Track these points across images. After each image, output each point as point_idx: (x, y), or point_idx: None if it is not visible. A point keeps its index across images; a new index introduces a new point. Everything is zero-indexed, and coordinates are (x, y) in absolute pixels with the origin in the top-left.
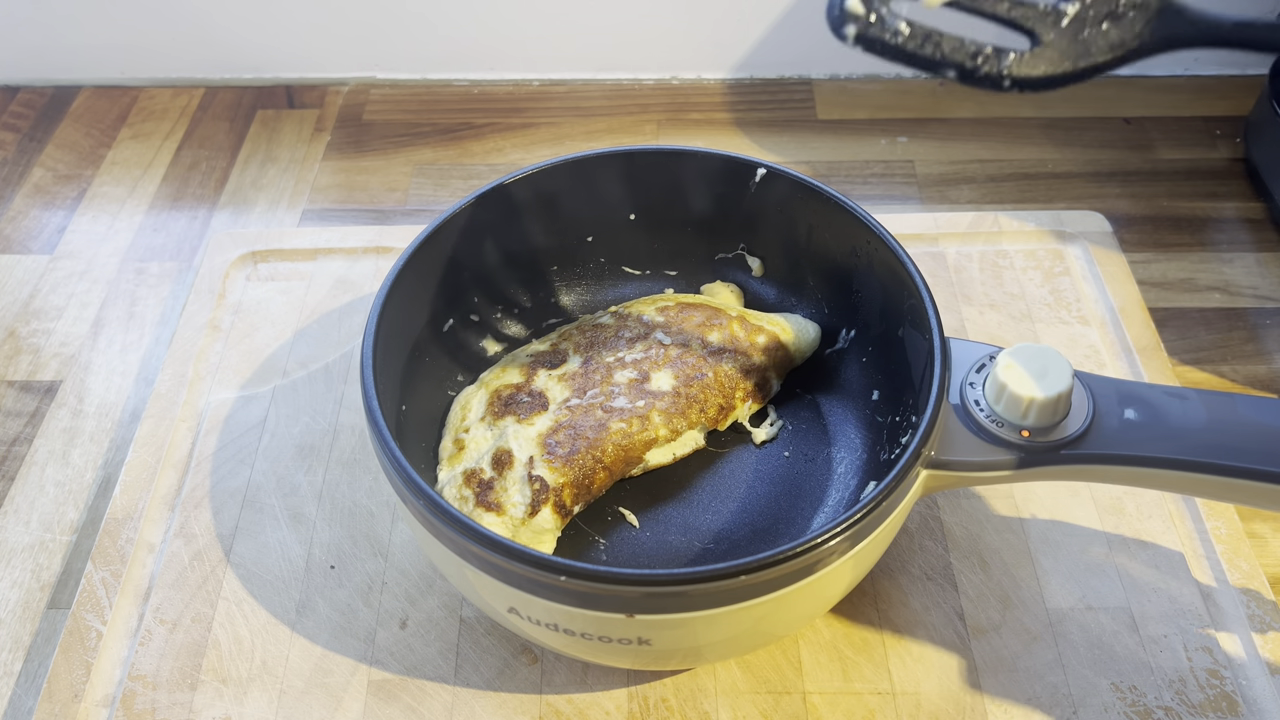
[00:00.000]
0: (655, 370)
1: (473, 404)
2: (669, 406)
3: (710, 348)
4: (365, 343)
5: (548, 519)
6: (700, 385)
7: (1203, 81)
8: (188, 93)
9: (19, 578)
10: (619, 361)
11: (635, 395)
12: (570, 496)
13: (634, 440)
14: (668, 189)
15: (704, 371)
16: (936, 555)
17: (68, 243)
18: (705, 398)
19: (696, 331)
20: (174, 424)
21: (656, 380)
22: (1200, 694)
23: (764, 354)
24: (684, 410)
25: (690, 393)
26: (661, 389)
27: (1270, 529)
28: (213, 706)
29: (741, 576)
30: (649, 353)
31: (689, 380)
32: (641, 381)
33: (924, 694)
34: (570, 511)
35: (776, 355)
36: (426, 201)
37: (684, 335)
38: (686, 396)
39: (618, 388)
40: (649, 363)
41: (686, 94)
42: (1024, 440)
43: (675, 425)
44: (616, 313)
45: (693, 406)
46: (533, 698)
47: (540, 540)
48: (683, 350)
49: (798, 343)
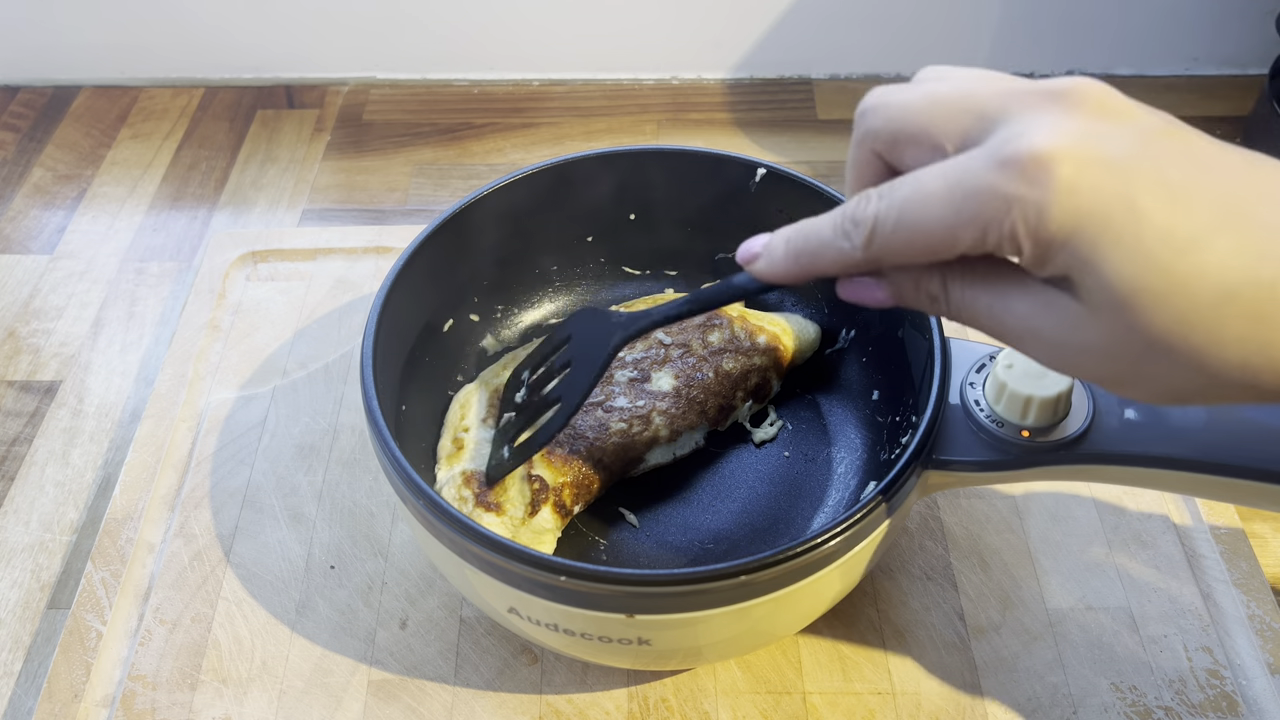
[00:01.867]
0: (655, 370)
1: (472, 403)
2: (669, 407)
3: (710, 348)
4: (365, 343)
5: (548, 519)
6: (700, 386)
7: (1203, 81)
8: (188, 93)
9: (19, 578)
10: (619, 361)
11: (636, 395)
12: (570, 496)
13: (634, 440)
14: (668, 189)
15: (704, 372)
16: (936, 555)
17: (68, 243)
18: (705, 398)
19: (696, 332)
20: (174, 424)
21: (657, 380)
22: (1200, 694)
23: (764, 354)
24: (684, 411)
25: (690, 393)
26: (662, 389)
27: (1270, 529)
28: (213, 706)
29: (741, 576)
30: (649, 352)
31: (689, 381)
32: (642, 381)
33: (924, 694)
34: (570, 511)
35: (776, 355)
36: (426, 201)
37: (684, 335)
38: (687, 397)
39: (618, 387)
40: (649, 362)
41: (686, 94)
42: (1024, 440)
43: (676, 426)
44: None
45: (693, 407)
46: (533, 698)
47: (540, 540)
48: (683, 351)
49: (798, 343)
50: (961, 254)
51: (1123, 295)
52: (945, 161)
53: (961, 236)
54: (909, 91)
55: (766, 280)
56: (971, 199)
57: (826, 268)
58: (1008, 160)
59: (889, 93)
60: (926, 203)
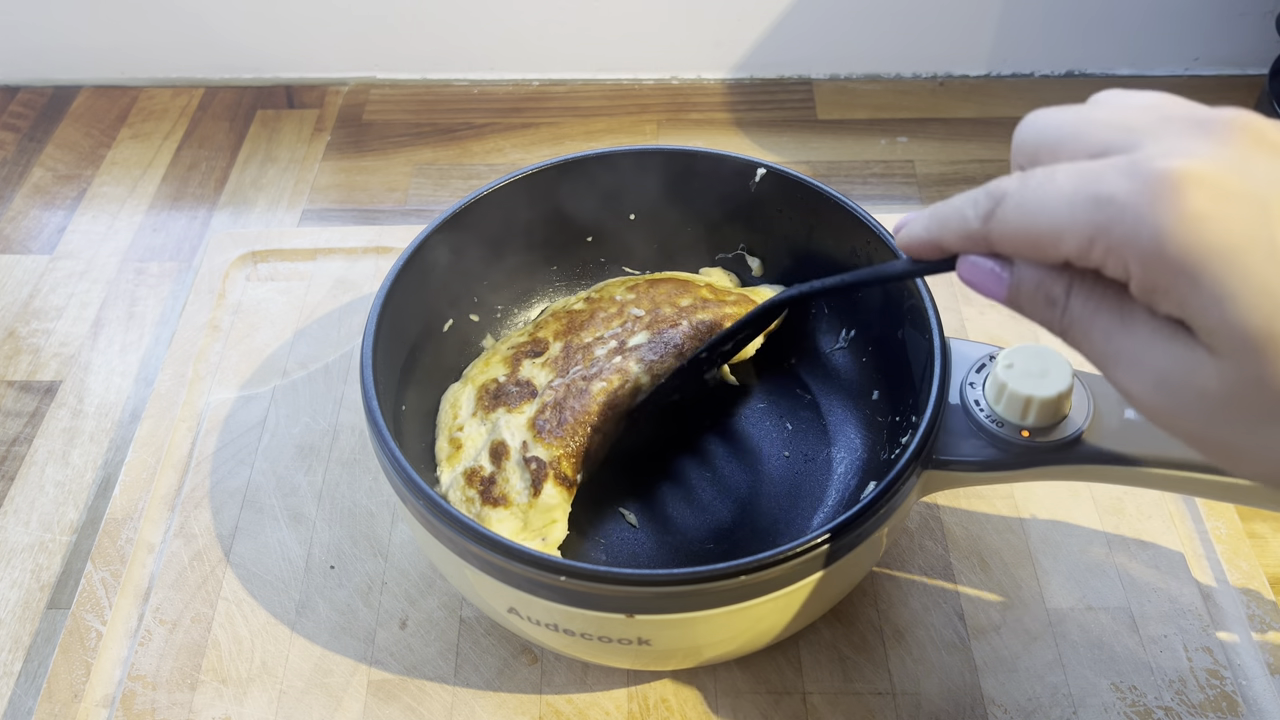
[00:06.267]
0: (630, 336)
1: (462, 401)
2: (645, 354)
3: (679, 308)
4: (365, 343)
5: (553, 494)
6: (676, 331)
7: (1203, 81)
8: (188, 93)
9: (19, 578)
10: (598, 340)
11: (612, 356)
12: (570, 466)
13: (617, 395)
14: (668, 189)
15: (679, 322)
16: (936, 555)
17: (67, 243)
18: (682, 341)
19: (666, 299)
20: (174, 424)
21: (633, 342)
22: (1200, 694)
23: (735, 306)
24: (661, 355)
25: (665, 337)
26: (638, 344)
27: (1270, 529)
28: (213, 706)
29: (741, 576)
30: (625, 326)
31: (663, 333)
32: (619, 350)
33: (924, 694)
34: (574, 482)
35: (748, 308)
36: (426, 201)
37: (655, 304)
38: (662, 340)
39: (598, 361)
40: (625, 332)
41: (686, 94)
42: (1024, 440)
43: (655, 371)
44: (588, 297)
45: (669, 350)
46: (533, 698)
47: (552, 520)
48: (653, 315)
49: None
50: (1065, 259)
51: (1253, 340)
52: (1083, 163)
53: (1067, 238)
54: (1067, 108)
55: (904, 246)
56: (1089, 203)
57: (951, 236)
58: (1138, 174)
59: (1047, 109)
60: (1047, 193)
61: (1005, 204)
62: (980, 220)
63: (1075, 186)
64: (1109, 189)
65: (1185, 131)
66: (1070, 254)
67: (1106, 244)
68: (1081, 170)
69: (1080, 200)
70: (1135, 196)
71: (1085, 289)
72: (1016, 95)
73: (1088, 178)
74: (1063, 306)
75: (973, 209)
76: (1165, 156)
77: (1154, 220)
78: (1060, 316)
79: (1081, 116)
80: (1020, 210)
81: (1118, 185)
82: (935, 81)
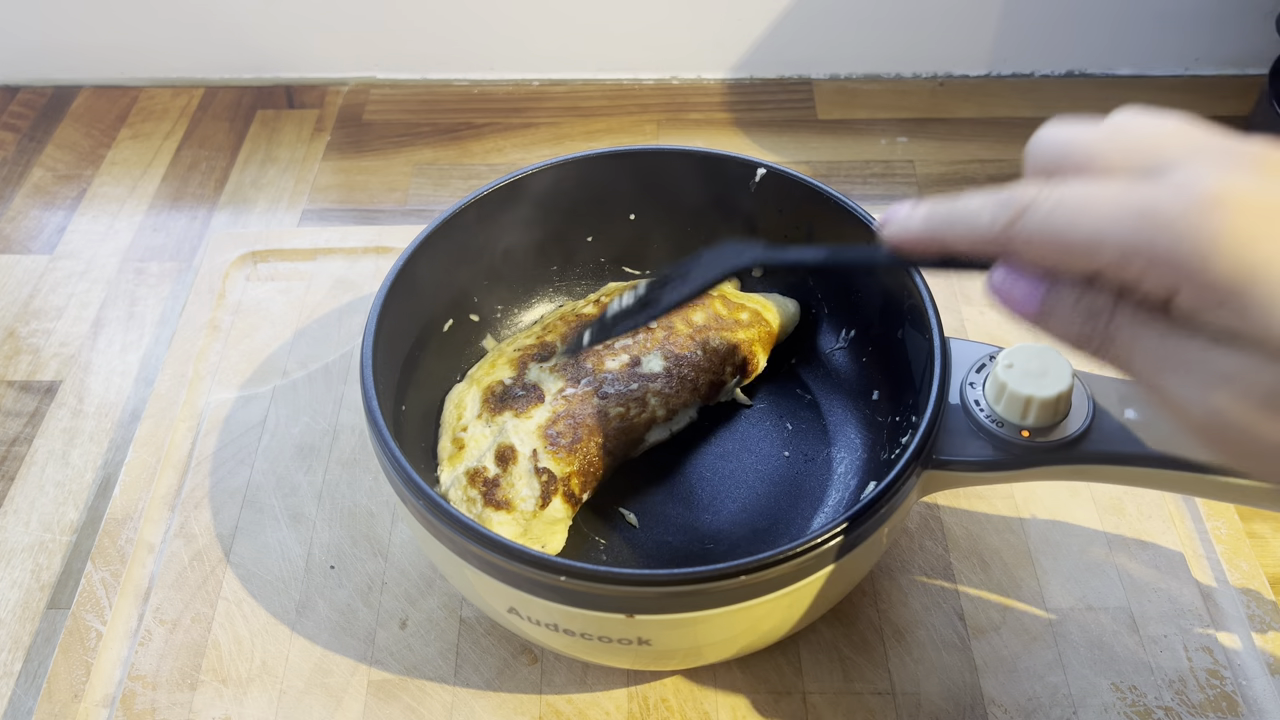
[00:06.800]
0: (645, 354)
1: (466, 402)
2: (663, 387)
3: (695, 326)
4: (365, 343)
5: (559, 509)
6: (690, 364)
7: (1203, 81)
8: (188, 93)
9: (19, 578)
10: (608, 348)
11: (629, 379)
12: (578, 484)
13: (634, 423)
14: (667, 189)
15: (692, 350)
16: (936, 555)
17: (67, 243)
18: (696, 375)
19: (680, 312)
20: (174, 424)
21: (648, 363)
22: (1200, 694)
23: (748, 329)
24: (677, 389)
25: (682, 372)
26: (654, 370)
27: (1270, 529)
28: (213, 707)
29: (741, 576)
30: (636, 336)
31: (679, 360)
32: (633, 365)
33: (924, 694)
34: (579, 499)
35: (761, 330)
36: (426, 201)
37: (668, 317)
38: (678, 376)
39: (610, 374)
40: (638, 346)
41: (686, 94)
42: (1024, 440)
43: (671, 405)
44: (598, 301)
45: (685, 385)
46: (533, 698)
47: (553, 531)
48: (669, 332)
49: (781, 317)
50: (1094, 272)
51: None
52: (1122, 180)
53: (1105, 250)
54: (1090, 124)
55: (894, 242)
56: (1134, 217)
57: (955, 238)
58: (1184, 192)
59: (1069, 121)
60: (1087, 204)
61: (1034, 211)
62: (1002, 225)
63: (1117, 200)
64: (1154, 204)
65: (1218, 159)
66: (1104, 266)
67: (1149, 258)
68: (1127, 187)
69: (1124, 214)
70: (1182, 213)
71: (1131, 300)
72: (1017, 95)
73: (1132, 193)
74: (1106, 317)
75: (990, 213)
76: (1207, 178)
77: (1201, 237)
78: (1104, 327)
79: (1109, 134)
80: (1052, 219)
81: (1163, 201)
82: (935, 81)
